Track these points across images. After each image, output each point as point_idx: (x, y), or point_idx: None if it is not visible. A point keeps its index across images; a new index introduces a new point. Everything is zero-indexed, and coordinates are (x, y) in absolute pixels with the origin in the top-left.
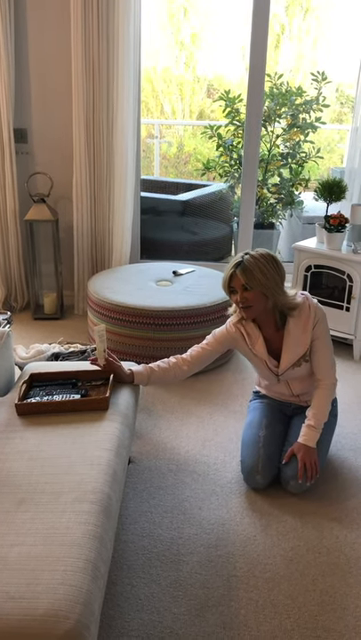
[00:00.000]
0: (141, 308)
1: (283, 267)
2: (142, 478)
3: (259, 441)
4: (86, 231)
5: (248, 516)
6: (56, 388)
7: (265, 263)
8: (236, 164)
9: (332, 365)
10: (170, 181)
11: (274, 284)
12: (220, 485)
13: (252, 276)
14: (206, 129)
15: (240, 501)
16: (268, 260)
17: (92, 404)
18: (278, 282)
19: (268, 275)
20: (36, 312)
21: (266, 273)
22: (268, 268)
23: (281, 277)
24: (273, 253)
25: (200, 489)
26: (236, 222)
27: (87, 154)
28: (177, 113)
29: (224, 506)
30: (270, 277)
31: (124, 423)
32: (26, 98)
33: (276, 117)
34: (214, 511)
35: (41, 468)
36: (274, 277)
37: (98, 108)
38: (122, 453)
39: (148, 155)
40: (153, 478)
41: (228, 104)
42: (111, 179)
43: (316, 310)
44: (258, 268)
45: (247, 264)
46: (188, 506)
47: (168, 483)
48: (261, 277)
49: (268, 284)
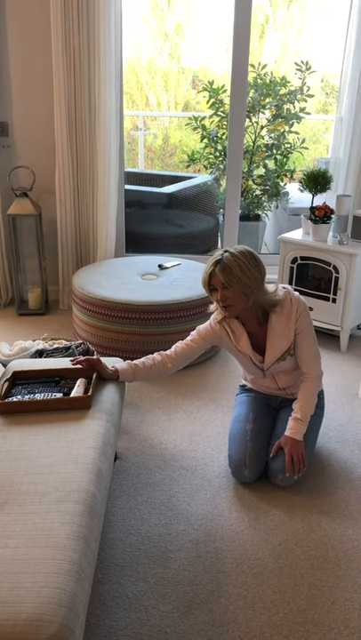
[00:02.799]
0: (127, 302)
1: (263, 264)
2: (130, 475)
3: (246, 435)
4: (70, 225)
5: (236, 510)
6: (38, 386)
7: (244, 261)
8: (220, 156)
9: (317, 358)
10: (155, 174)
11: (254, 281)
12: (209, 480)
13: (231, 274)
14: (190, 120)
15: (228, 496)
16: (247, 258)
17: (74, 403)
18: (258, 279)
19: (248, 273)
20: (20, 307)
21: (245, 271)
22: (247, 265)
23: (261, 275)
24: (253, 250)
25: (188, 484)
26: (221, 214)
27: (69, 147)
28: (162, 105)
29: (212, 501)
30: (250, 275)
31: (108, 421)
32: (6, 90)
33: (260, 108)
34: (202, 506)
35: (25, 469)
36: (254, 275)
37: (80, 101)
38: (107, 451)
39: (134, 147)
40: (140, 475)
41: (211, 95)
42: (94, 172)
43: (298, 304)
44: (238, 266)
45: (227, 262)
46: (176, 502)
47: (156, 479)
48: (241, 275)
49: (247, 282)
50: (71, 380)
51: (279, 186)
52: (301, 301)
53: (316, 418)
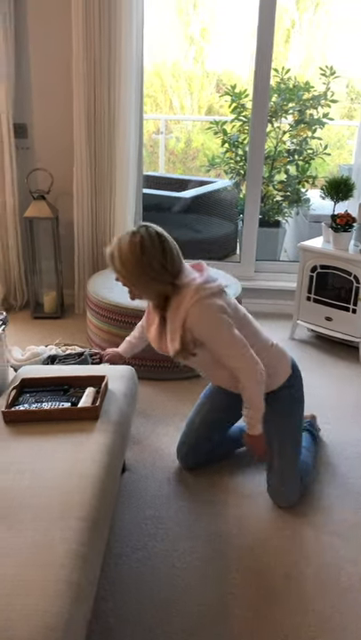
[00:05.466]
0: (142, 309)
1: (158, 255)
2: (138, 487)
3: (191, 424)
4: (87, 228)
5: (246, 527)
6: (46, 394)
7: (127, 254)
8: (241, 161)
9: (240, 368)
10: (174, 178)
11: (136, 278)
12: (218, 495)
13: (112, 264)
14: (212, 124)
15: (238, 512)
16: (132, 251)
17: (82, 413)
18: (142, 275)
19: (130, 267)
20: (35, 311)
21: (127, 265)
22: (130, 259)
23: (147, 269)
24: (147, 239)
25: (197, 498)
26: (241, 220)
27: (88, 149)
28: (185, 108)
29: (222, 516)
30: (132, 271)
31: (116, 433)
32: (26, 92)
33: (282, 113)
34: (211, 522)
35: (28, 481)
36: (136, 270)
37: (99, 103)
38: (113, 465)
39: (155, 150)
40: (149, 487)
41: (233, 99)
42: (113, 175)
43: (197, 317)
44: (118, 258)
45: (113, 250)
46: (184, 517)
47: (164, 492)
48: (121, 269)
49: (129, 277)
50: (80, 389)
51: (300, 192)
52: (202, 314)
53: (291, 409)
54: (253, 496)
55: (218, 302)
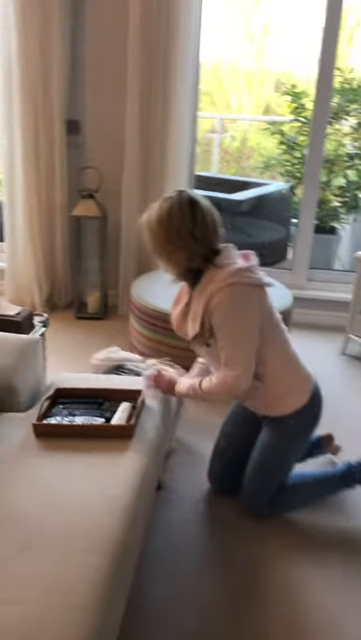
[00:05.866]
0: None
1: (185, 220)
2: (176, 509)
3: (216, 447)
4: (134, 229)
5: (283, 559)
6: (80, 406)
7: (156, 220)
8: (298, 163)
9: (231, 361)
10: (227, 179)
11: (161, 246)
12: (257, 523)
13: (144, 232)
14: (269, 125)
15: (279, 543)
16: (160, 218)
17: (115, 432)
18: (165, 243)
19: (156, 235)
20: (79, 310)
21: (153, 232)
22: (156, 226)
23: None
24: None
25: (237, 525)
26: (294, 225)
27: (140, 148)
28: (243, 107)
29: (259, 545)
30: (157, 238)
31: (150, 455)
32: (79, 88)
33: (344, 114)
34: (247, 552)
35: (54, 505)
36: (161, 237)
37: (154, 100)
38: (145, 493)
39: (209, 149)
40: (187, 510)
41: (293, 99)
42: (163, 175)
43: (220, 301)
44: (148, 226)
45: (145, 217)
46: (215, 544)
47: (198, 515)
48: (149, 237)
49: (155, 245)
50: (115, 403)
51: (359, 198)
52: (227, 299)
53: (287, 434)
54: (290, 524)
55: (251, 295)
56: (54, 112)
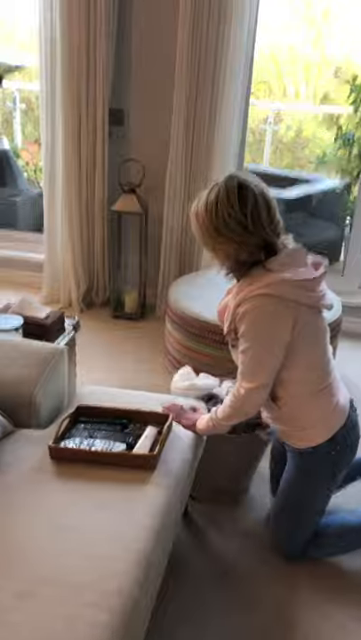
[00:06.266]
0: None
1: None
2: (202, 539)
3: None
4: (177, 227)
5: (313, 605)
6: (102, 427)
7: (203, 208)
8: (355, 160)
9: (247, 372)
10: (278, 174)
11: (207, 237)
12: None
13: (191, 221)
14: (326, 117)
15: (311, 586)
16: (206, 206)
17: (136, 461)
18: (213, 233)
19: (202, 224)
20: (116, 309)
21: (200, 222)
22: (203, 215)
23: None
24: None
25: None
26: (348, 226)
27: (185, 140)
28: (300, 95)
29: (290, 579)
30: (203, 228)
31: (173, 490)
32: (124, 75)
33: None
34: (276, 588)
35: (63, 544)
36: (207, 227)
37: (202, 89)
38: (165, 536)
39: (262, 138)
40: (214, 541)
41: (353, 90)
42: (209, 169)
43: (248, 306)
44: (194, 214)
45: (193, 206)
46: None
47: (231, 545)
48: (196, 229)
49: (200, 233)
50: (141, 426)
51: None
52: (254, 310)
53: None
54: (329, 565)
55: (284, 312)
56: (98, 99)
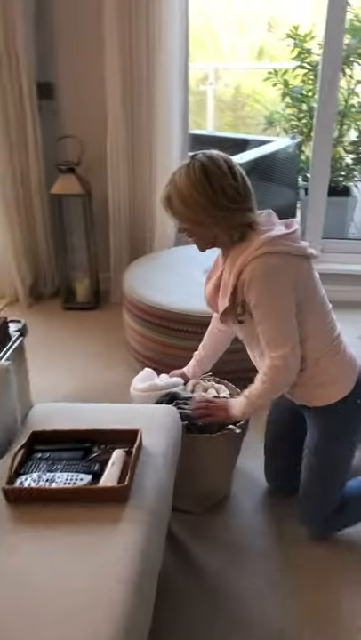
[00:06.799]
0: (188, 312)
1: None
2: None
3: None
4: (124, 205)
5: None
6: (62, 456)
7: (189, 188)
8: (305, 117)
9: (274, 341)
10: (225, 137)
11: (205, 214)
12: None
13: (172, 207)
14: (270, 74)
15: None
16: (194, 183)
17: (105, 495)
18: (210, 209)
19: (194, 205)
20: (67, 300)
21: (189, 204)
22: (192, 194)
23: (215, 201)
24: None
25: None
26: (303, 188)
27: (124, 109)
28: (235, 51)
29: (287, 599)
30: (196, 208)
31: (150, 524)
32: (48, 45)
33: (356, 58)
34: (273, 610)
35: (22, 609)
36: (202, 206)
37: (136, 52)
38: (146, 584)
39: (202, 100)
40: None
41: (297, 43)
42: (153, 139)
43: (253, 271)
44: (178, 198)
45: (168, 190)
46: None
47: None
48: (184, 210)
49: (192, 216)
50: (106, 448)
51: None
52: (261, 272)
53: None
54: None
55: (286, 266)
56: (21, 73)
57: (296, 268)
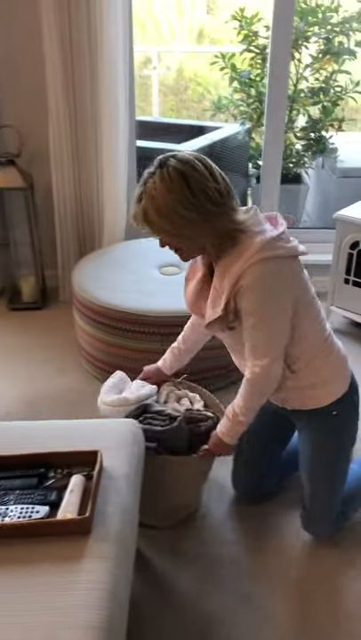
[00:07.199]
0: (142, 312)
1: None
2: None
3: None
4: (70, 198)
5: None
6: (15, 484)
7: (166, 196)
8: (254, 102)
9: (261, 350)
10: (172, 123)
11: (185, 226)
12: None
13: (149, 222)
14: (217, 58)
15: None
16: (172, 190)
17: (65, 528)
18: (194, 218)
19: (174, 216)
20: (12, 301)
21: (169, 215)
22: (170, 204)
23: (199, 208)
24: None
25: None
26: (254, 176)
27: (66, 97)
28: (175, 33)
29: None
30: (177, 219)
31: (118, 557)
32: None
33: (304, 41)
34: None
35: None
36: (184, 216)
37: (77, 34)
38: (115, 626)
39: (145, 84)
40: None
41: (243, 26)
42: (98, 126)
43: (251, 277)
44: (154, 209)
45: (144, 203)
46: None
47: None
48: (160, 220)
49: (174, 230)
50: (64, 470)
51: (326, 140)
52: (260, 278)
53: (333, 422)
54: None
55: (284, 271)
56: None
57: (292, 270)
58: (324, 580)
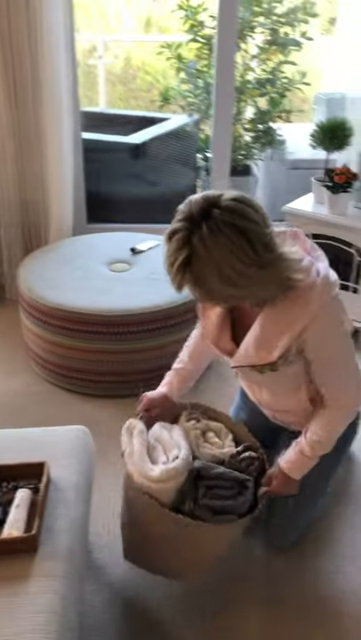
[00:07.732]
0: (91, 312)
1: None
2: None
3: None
4: (13, 192)
5: None
6: None
7: (231, 258)
8: (202, 93)
9: (346, 390)
10: (118, 114)
11: (249, 283)
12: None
13: (209, 290)
14: (163, 47)
15: None
16: (232, 250)
17: (11, 547)
18: (255, 274)
19: (240, 278)
20: None
21: (233, 278)
22: (236, 265)
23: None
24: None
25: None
26: (204, 168)
27: (6, 86)
28: (122, 22)
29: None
30: (243, 281)
31: (67, 576)
32: None
33: (249, 31)
34: None
35: None
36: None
37: (15, 20)
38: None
39: (92, 73)
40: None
41: (188, 15)
42: (39, 117)
43: (322, 319)
44: (215, 275)
45: (196, 270)
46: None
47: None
48: (226, 288)
49: (236, 292)
50: (9, 484)
51: (274, 131)
52: (331, 321)
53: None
54: None
55: (341, 303)
56: None
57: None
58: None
